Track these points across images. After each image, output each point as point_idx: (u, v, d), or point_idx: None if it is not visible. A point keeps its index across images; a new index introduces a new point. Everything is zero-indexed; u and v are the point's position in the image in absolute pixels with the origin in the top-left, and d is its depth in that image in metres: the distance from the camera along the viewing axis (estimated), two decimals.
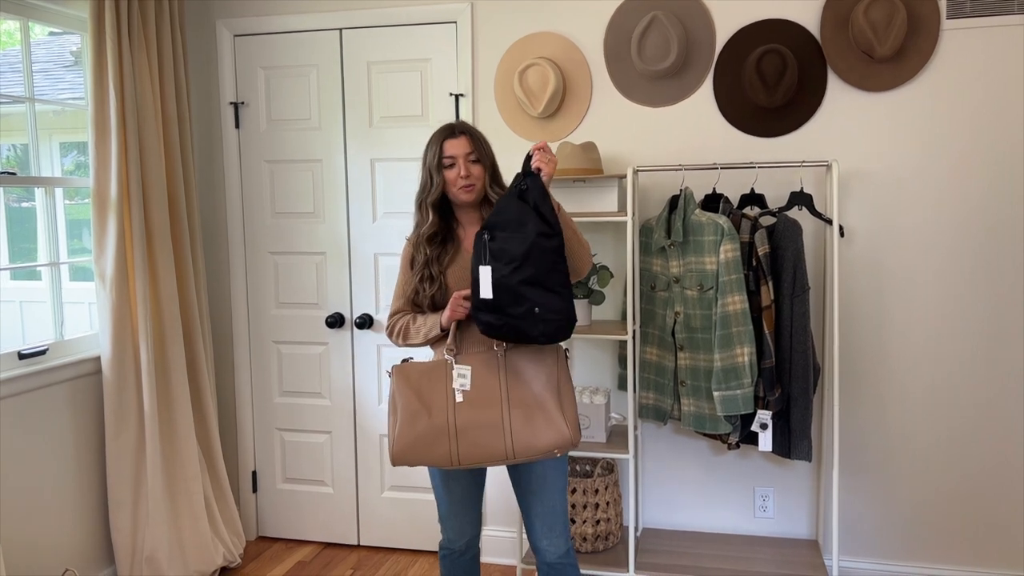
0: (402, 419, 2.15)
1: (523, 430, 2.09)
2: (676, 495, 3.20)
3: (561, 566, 2.28)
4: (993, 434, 2.90)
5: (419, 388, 2.16)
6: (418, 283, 2.26)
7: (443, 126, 2.28)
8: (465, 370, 2.14)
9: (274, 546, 3.59)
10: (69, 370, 2.91)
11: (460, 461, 2.12)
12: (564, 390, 2.15)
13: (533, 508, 2.26)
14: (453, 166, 2.21)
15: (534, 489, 2.25)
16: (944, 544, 2.97)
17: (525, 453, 2.09)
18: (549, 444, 2.09)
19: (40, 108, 3.01)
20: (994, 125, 2.80)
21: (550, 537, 2.26)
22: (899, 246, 2.91)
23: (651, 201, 3.07)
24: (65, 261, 3.13)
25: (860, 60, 2.85)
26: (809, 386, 2.73)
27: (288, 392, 3.56)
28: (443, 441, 2.11)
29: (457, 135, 2.23)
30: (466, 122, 2.35)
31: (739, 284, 2.69)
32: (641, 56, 2.96)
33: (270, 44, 3.40)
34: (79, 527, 2.97)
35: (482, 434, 2.10)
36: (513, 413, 2.10)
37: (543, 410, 2.10)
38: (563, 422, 2.10)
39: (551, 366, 2.15)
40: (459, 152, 2.21)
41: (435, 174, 2.23)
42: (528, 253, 2.04)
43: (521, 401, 2.11)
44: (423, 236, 2.27)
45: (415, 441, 2.13)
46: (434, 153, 2.23)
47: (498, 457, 2.10)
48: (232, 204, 3.50)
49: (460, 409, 2.12)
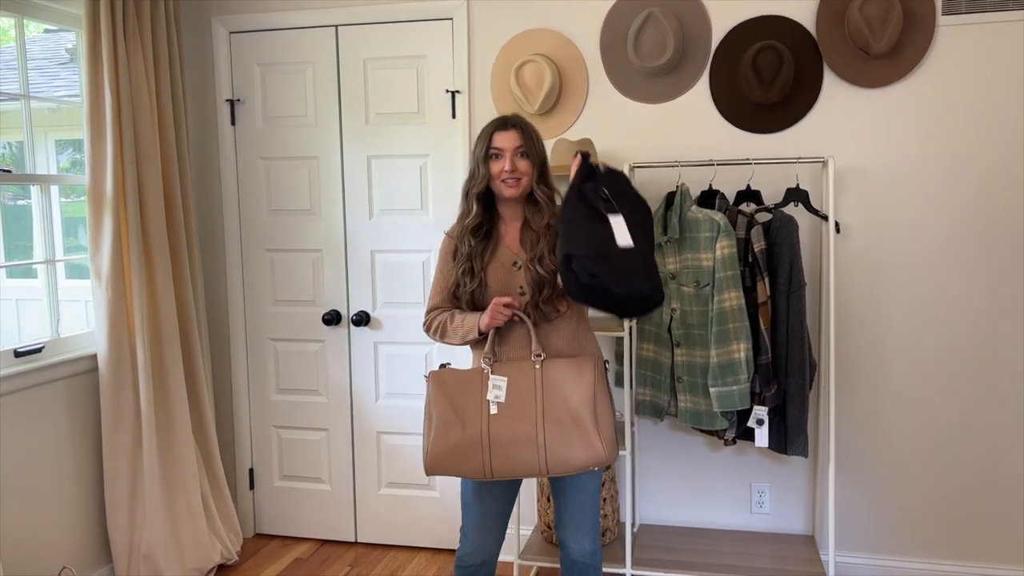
0: (436, 429, 2.13)
1: (557, 445, 2.07)
2: (673, 491, 3.20)
3: (584, 566, 2.28)
4: (989, 429, 2.91)
5: (454, 397, 2.14)
6: (460, 275, 2.23)
7: (497, 117, 2.26)
8: (501, 381, 2.11)
9: (271, 543, 3.59)
10: (65, 368, 2.90)
11: (493, 473, 2.10)
12: (601, 405, 2.12)
13: (563, 505, 2.25)
14: (500, 158, 2.18)
15: (566, 488, 2.24)
16: (940, 539, 2.98)
17: (558, 469, 2.08)
18: (583, 461, 2.07)
19: (35, 105, 3.01)
20: (990, 121, 2.81)
21: (576, 536, 2.25)
22: (895, 242, 2.92)
23: (648, 197, 3.01)
24: (61, 259, 3.13)
25: (856, 56, 2.86)
26: (805, 382, 2.74)
27: (285, 389, 3.56)
28: (476, 453, 2.09)
29: (509, 128, 2.19)
30: (522, 116, 2.28)
31: (735, 280, 2.69)
32: (637, 52, 2.96)
33: (266, 41, 3.39)
34: (76, 525, 2.97)
35: (516, 448, 2.08)
36: (548, 428, 2.07)
37: (579, 426, 2.07)
38: (598, 439, 2.08)
39: (588, 380, 2.11)
40: (508, 145, 2.17)
41: (481, 165, 2.20)
42: (649, 232, 2.08)
43: (556, 416, 2.08)
44: (467, 227, 2.23)
45: (448, 451, 2.12)
46: (483, 144, 2.20)
47: (531, 471, 2.08)
48: (228, 201, 3.50)
49: (494, 421, 2.09)
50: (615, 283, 1.96)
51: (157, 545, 3.03)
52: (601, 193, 2.03)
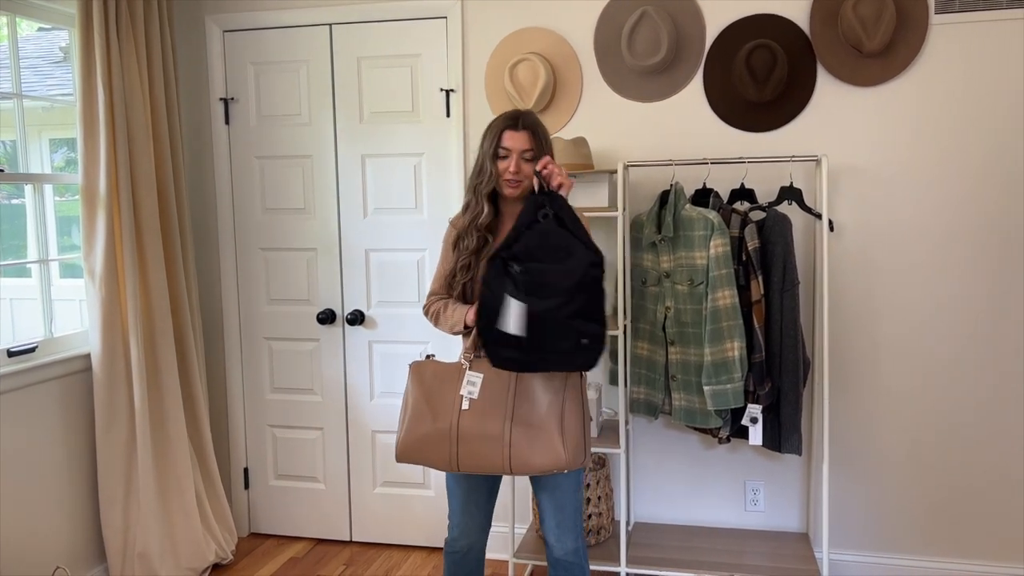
0: (409, 419, 2.19)
1: (521, 446, 2.09)
2: (667, 489, 3.21)
3: (568, 563, 2.29)
4: (982, 427, 2.92)
5: (430, 390, 2.18)
6: (459, 269, 2.25)
7: (509, 113, 2.22)
8: (476, 378, 2.14)
9: (266, 542, 3.59)
10: (59, 367, 2.90)
11: (459, 467, 2.14)
12: (569, 412, 2.14)
13: (544, 504, 2.27)
14: (507, 158, 2.17)
15: (546, 486, 2.25)
16: (933, 536, 2.99)
17: (520, 469, 2.11)
18: (545, 464, 2.10)
19: (29, 104, 3.00)
20: (983, 119, 2.81)
21: (558, 534, 2.27)
22: (889, 240, 2.92)
23: (641, 196, 3.07)
24: (54, 258, 3.12)
25: (849, 55, 2.86)
26: (799, 380, 2.74)
27: (279, 389, 3.56)
28: (444, 445, 2.13)
29: (520, 128, 2.17)
30: (529, 115, 2.23)
31: (729, 279, 2.69)
32: (631, 51, 2.96)
33: (259, 39, 3.39)
34: (70, 525, 2.97)
35: (482, 444, 2.11)
36: (515, 429, 2.10)
37: (544, 431, 2.10)
38: (561, 445, 2.10)
39: (559, 386, 2.14)
40: (516, 147, 2.16)
41: (489, 164, 2.19)
42: (580, 285, 2.00)
43: (524, 418, 2.11)
44: (481, 225, 2.23)
45: (417, 442, 2.17)
46: (491, 142, 2.19)
47: (495, 468, 2.12)
48: (222, 200, 3.49)
49: (464, 416, 2.13)
50: (540, 367, 2.06)
51: (151, 544, 3.02)
52: (513, 268, 2.01)
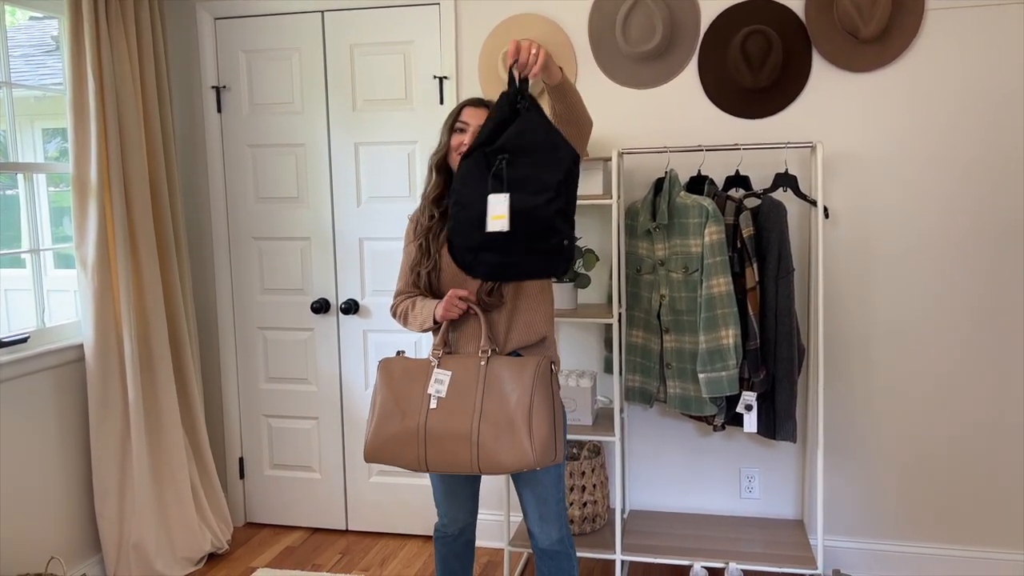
0: (377, 418, 2.15)
1: (490, 445, 2.06)
2: (662, 477, 3.21)
3: (554, 552, 2.28)
4: (977, 414, 2.92)
5: (398, 389, 2.15)
6: (418, 254, 2.23)
7: (472, 98, 2.26)
8: (444, 376, 2.12)
9: (262, 532, 3.59)
10: (52, 358, 2.89)
11: (428, 467, 2.11)
12: (538, 409, 2.07)
13: (526, 496, 2.26)
14: (463, 132, 2.17)
15: (528, 482, 2.24)
16: (928, 522, 3.00)
17: (489, 468, 2.07)
18: (513, 463, 2.06)
19: (22, 94, 2.98)
20: (979, 105, 2.80)
21: (541, 525, 2.26)
22: (883, 227, 2.91)
23: (636, 183, 3.06)
24: (46, 248, 3.11)
25: (845, 41, 2.84)
26: (794, 367, 2.74)
27: (274, 378, 3.55)
28: (412, 445, 2.10)
29: (480, 106, 2.19)
30: None
31: (724, 266, 2.68)
32: (626, 37, 2.94)
33: (251, 27, 3.36)
34: (64, 516, 2.96)
35: (450, 443, 2.08)
36: (483, 427, 2.07)
37: (511, 429, 2.06)
38: (529, 443, 2.05)
39: (527, 384, 2.08)
40: (473, 122, 2.16)
41: (444, 135, 2.21)
42: (565, 181, 1.96)
43: (493, 416, 2.07)
44: (428, 197, 2.23)
45: (386, 442, 2.13)
46: (452, 115, 2.21)
47: (464, 467, 2.08)
48: (215, 189, 3.47)
49: (432, 415, 2.10)
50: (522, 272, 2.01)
51: (146, 535, 3.02)
52: (498, 160, 1.94)
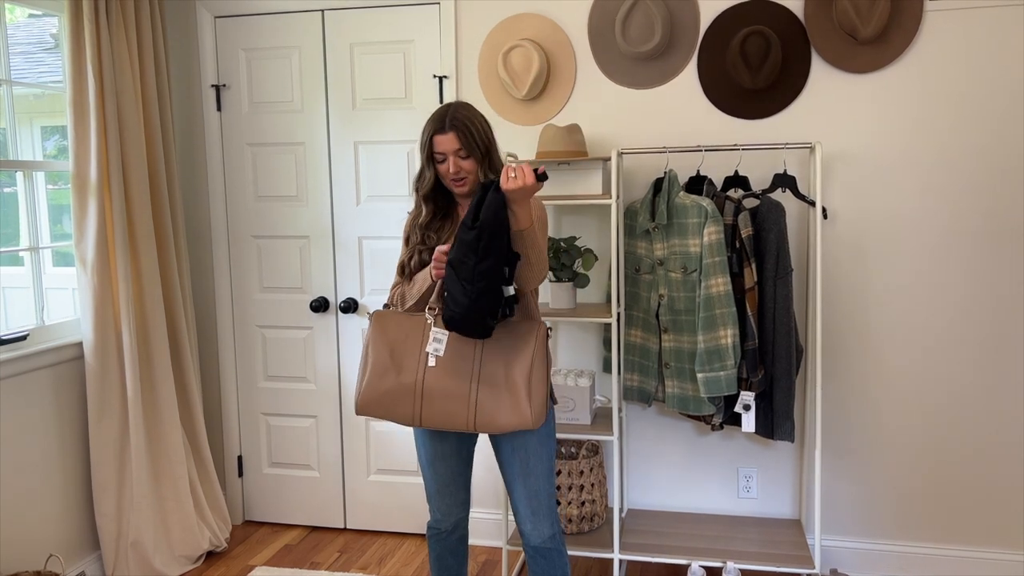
0: (371, 372, 2.16)
1: (488, 406, 2.09)
2: (660, 476, 3.21)
3: (546, 550, 2.29)
4: (975, 414, 2.92)
5: (394, 344, 2.16)
6: (417, 255, 2.25)
7: (435, 115, 2.17)
8: (443, 335, 2.13)
9: (260, 530, 3.59)
10: (51, 355, 2.89)
11: (422, 422, 2.13)
12: (536, 372, 2.12)
13: (517, 491, 2.26)
14: (444, 161, 2.17)
15: (518, 473, 2.25)
16: (925, 523, 3.00)
17: (485, 427, 2.11)
18: (510, 424, 2.10)
19: (21, 91, 2.98)
20: (978, 106, 2.81)
21: (534, 521, 2.26)
22: (882, 228, 2.92)
23: (635, 183, 3.06)
24: (46, 246, 3.11)
25: (844, 42, 2.85)
26: (792, 367, 2.75)
27: (273, 377, 3.55)
28: (408, 401, 2.12)
29: (446, 131, 2.13)
30: (458, 111, 2.15)
31: (722, 266, 2.69)
32: (625, 38, 2.95)
33: (251, 25, 3.36)
34: (63, 513, 2.97)
35: (447, 401, 2.10)
36: (481, 388, 2.10)
37: (512, 392, 2.09)
38: (528, 407, 2.09)
39: (529, 349, 2.12)
40: (448, 149, 2.14)
41: (427, 168, 2.20)
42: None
43: (492, 379, 2.10)
44: (420, 226, 2.27)
45: (380, 397, 2.15)
46: (425, 146, 2.18)
47: (459, 425, 2.12)
48: (214, 188, 3.47)
49: (430, 373, 2.12)
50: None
51: (145, 533, 3.03)
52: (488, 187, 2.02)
